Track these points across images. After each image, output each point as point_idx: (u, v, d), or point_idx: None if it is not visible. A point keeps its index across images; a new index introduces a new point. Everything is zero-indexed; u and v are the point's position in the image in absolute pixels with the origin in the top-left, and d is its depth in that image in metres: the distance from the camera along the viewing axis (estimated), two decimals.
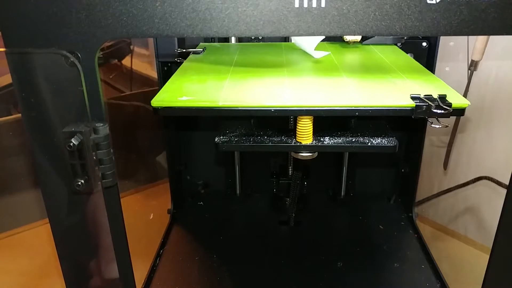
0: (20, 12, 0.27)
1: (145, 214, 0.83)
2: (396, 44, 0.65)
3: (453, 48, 0.78)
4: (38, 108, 0.30)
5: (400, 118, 0.45)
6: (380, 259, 0.61)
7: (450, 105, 0.41)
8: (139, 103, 0.92)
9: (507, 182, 0.32)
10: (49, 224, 0.34)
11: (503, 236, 0.34)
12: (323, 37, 0.64)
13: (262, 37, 0.68)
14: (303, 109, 0.43)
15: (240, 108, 0.42)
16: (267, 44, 0.67)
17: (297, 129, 0.47)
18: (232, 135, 0.49)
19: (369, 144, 0.48)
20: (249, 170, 0.76)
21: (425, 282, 0.56)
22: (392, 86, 0.46)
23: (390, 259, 0.60)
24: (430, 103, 0.41)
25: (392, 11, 0.27)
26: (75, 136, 0.29)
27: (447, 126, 0.49)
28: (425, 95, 0.42)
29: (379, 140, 0.48)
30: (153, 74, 1.10)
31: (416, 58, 0.60)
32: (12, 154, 0.79)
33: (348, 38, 0.64)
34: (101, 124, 0.30)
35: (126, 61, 1.17)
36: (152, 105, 0.43)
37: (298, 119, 0.46)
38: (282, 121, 0.51)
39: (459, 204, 0.85)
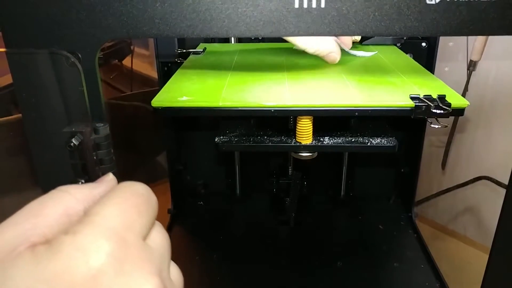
0: (20, 12, 0.27)
1: None
2: (395, 45, 0.65)
3: (453, 48, 0.78)
4: (38, 108, 0.30)
5: (399, 118, 0.45)
6: (380, 258, 0.61)
7: (449, 105, 0.41)
8: (139, 103, 0.92)
9: (506, 182, 0.32)
10: None
11: (502, 236, 0.34)
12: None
13: (262, 38, 0.68)
14: (303, 109, 0.43)
15: (240, 108, 0.42)
16: (267, 45, 0.67)
17: (297, 129, 0.47)
18: (232, 135, 0.49)
19: (368, 144, 0.48)
20: (249, 170, 0.76)
21: (425, 282, 0.56)
22: (392, 86, 0.46)
23: (390, 259, 0.61)
24: (429, 103, 0.41)
25: (392, 12, 0.27)
26: (76, 136, 0.29)
27: (446, 126, 0.49)
28: (424, 95, 0.42)
29: (378, 140, 0.48)
30: (154, 74, 1.09)
31: (416, 58, 0.60)
32: (12, 154, 0.79)
33: None
34: (102, 124, 0.30)
35: (126, 61, 1.17)
36: (152, 105, 0.43)
37: (298, 119, 0.47)
38: (282, 121, 0.51)
39: (459, 204, 0.85)
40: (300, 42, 0.51)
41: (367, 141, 0.48)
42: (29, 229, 0.19)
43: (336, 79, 0.49)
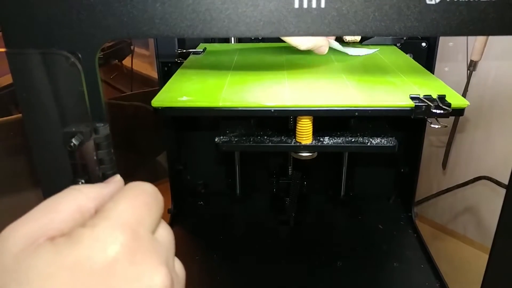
0: (20, 12, 0.27)
1: None
2: (395, 45, 0.65)
3: (453, 49, 0.78)
4: (38, 108, 0.30)
5: (399, 118, 0.45)
6: (380, 258, 0.61)
7: (449, 105, 0.41)
8: (139, 103, 0.92)
9: (506, 182, 0.32)
10: None
11: (502, 236, 0.34)
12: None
13: (262, 38, 0.68)
14: (302, 109, 0.43)
15: (240, 108, 0.42)
16: (267, 45, 0.67)
17: (297, 129, 0.47)
18: (232, 135, 0.49)
19: (368, 144, 0.48)
20: (249, 170, 0.76)
21: (424, 282, 0.56)
22: (392, 87, 0.46)
23: (390, 259, 0.61)
24: (429, 103, 0.41)
25: (392, 12, 0.27)
26: (76, 136, 0.29)
27: (446, 126, 0.49)
28: (424, 95, 0.42)
29: (378, 140, 0.48)
30: (154, 74, 1.10)
31: (416, 58, 0.60)
32: (12, 154, 0.79)
33: (347, 38, 0.65)
34: (102, 124, 0.30)
35: (126, 62, 1.17)
36: (152, 105, 0.43)
37: (298, 119, 0.47)
38: (282, 121, 0.51)
39: (458, 203, 0.85)
40: (294, 40, 0.52)
41: (367, 141, 0.48)
42: (46, 224, 0.20)
43: (336, 79, 0.49)
